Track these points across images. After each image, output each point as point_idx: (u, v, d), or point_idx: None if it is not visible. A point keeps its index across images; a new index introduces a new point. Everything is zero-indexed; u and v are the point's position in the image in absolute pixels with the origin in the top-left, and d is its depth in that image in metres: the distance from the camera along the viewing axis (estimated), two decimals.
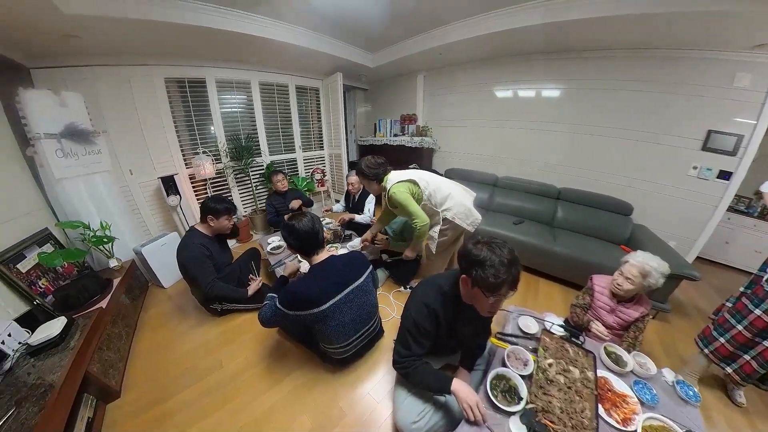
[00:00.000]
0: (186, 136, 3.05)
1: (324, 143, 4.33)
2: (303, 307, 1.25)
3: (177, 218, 2.83)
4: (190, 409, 1.43)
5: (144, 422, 1.38)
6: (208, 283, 1.83)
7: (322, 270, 1.31)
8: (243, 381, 1.57)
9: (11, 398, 1.07)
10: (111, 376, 1.51)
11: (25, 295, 1.53)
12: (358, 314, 1.39)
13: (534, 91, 3.08)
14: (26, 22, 1.63)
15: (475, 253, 0.91)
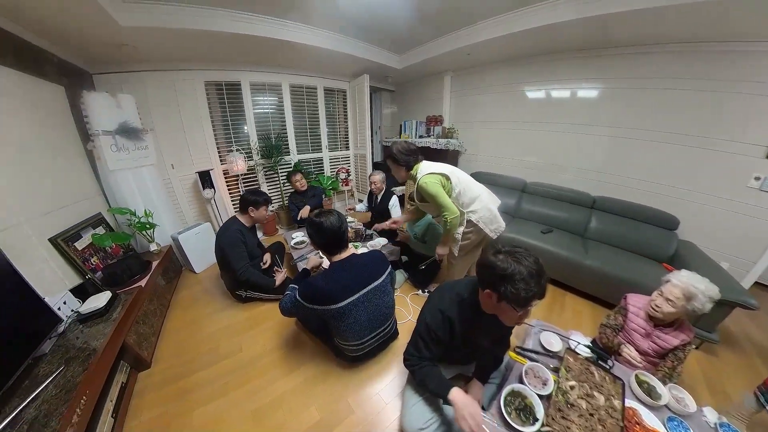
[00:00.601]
0: (222, 135, 3.30)
1: (349, 143, 4.42)
2: (321, 302, 1.27)
3: (210, 210, 3.06)
4: (210, 387, 1.54)
5: (169, 393, 1.51)
6: (241, 267, 1.96)
7: (343, 268, 1.32)
8: (259, 366, 1.65)
9: (62, 357, 1.24)
10: (144, 348, 1.68)
11: (79, 269, 1.75)
12: (374, 314, 1.39)
13: (568, 90, 2.89)
14: (89, 33, 1.88)
15: (502, 267, 0.84)
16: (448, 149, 3.70)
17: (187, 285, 2.52)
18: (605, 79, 2.64)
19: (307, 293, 1.29)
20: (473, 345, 1.13)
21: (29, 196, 1.60)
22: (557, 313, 2.12)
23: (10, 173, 1.51)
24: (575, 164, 2.97)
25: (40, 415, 0.99)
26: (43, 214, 1.66)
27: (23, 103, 1.68)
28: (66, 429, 0.98)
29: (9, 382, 1.04)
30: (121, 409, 1.38)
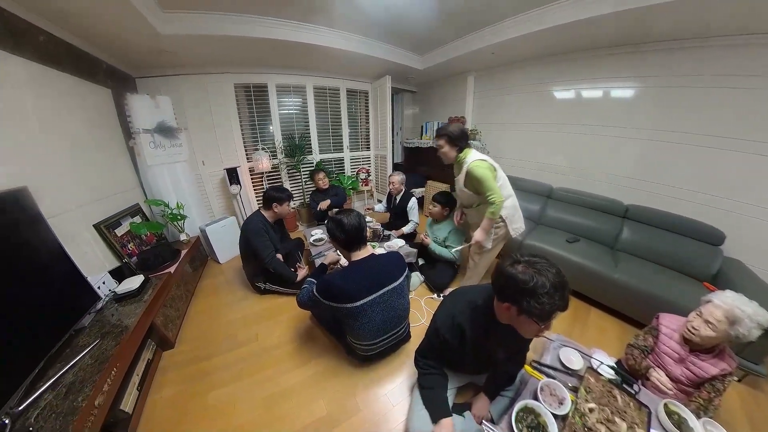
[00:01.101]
0: (249, 134, 3.48)
1: (370, 144, 4.47)
2: (337, 299, 1.28)
3: (236, 205, 3.24)
4: (226, 371, 1.62)
5: (189, 373, 1.62)
6: (268, 255, 2.05)
7: (362, 267, 1.32)
8: (273, 356, 1.71)
9: (98, 331, 1.37)
10: (170, 329, 1.81)
11: (117, 254, 1.93)
12: (389, 316, 1.38)
13: (600, 90, 2.70)
14: (133, 41, 2.08)
15: (523, 279, 0.78)
16: None
17: (211, 274, 2.68)
18: (641, 77, 2.44)
19: (324, 289, 1.30)
20: (485, 355, 1.08)
21: (79, 186, 1.80)
22: (580, 328, 1.98)
23: (64, 165, 1.70)
24: (606, 169, 2.75)
25: (77, 381, 1.10)
26: (89, 203, 1.86)
27: (77, 104, 1.89)
28: (97, 396, 1.08)
29: (53, 349, 1.17)
30: (145, 383, 1.51)
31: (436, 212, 2.32)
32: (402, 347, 1.67)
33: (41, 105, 1.58)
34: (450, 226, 2.28)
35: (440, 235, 2.32)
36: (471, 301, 1.03)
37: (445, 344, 1.04)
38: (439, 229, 2.33)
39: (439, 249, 2.29)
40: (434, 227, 2.39)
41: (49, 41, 1.69)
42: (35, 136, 1.53)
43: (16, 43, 1.48)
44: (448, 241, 2.27)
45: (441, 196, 2.31)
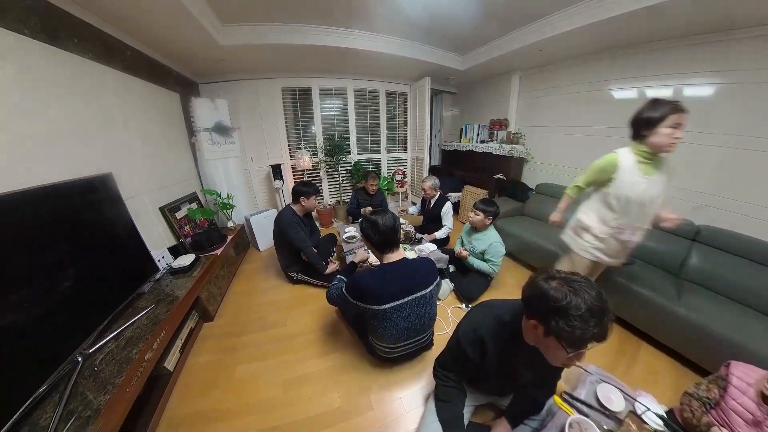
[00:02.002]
0: (293, 134, 3.74)
1: (408, 146, 4.49)
2: (364, 300, 1.27)
3: (278, 198, 3.50)
4: (254, 349, 1.75)
5: (222, 345, 1.80)
6: (303, 244, 2.18)
7: (393, 271, 1.30)
8: (297, 342, 1.80)
9: (155, 298, 1.60)
10: (211, 304, 2.03)
11: (176, 234, 2.23)
12: (414, 322, 1.35)
13: (669, 88, 2.31)
14: (197, 52, 2.38)
15: (555, 297, 0.71)
16: (512, 156, 3.43)
17: (251, 260, 2.93)
18: (723, 72, 2.03)
19: (353, 288, 1.30)
20: (509, 375, 1.00)
21: (150, 174, 2.11)
22: (626, 364, 1.70)
23: (140, 157, 2.02)
24: (674, 182, 2.29)
25: (134, 336, 1.31)
26: (157, 189, 2.17)
27: (151, 106, 2.23)
28: (147, 351, 1.27)
29: (120, 307, 1.41)
30: (186, 347, 1.72)
31: (477, 221, 2.10)
32: (423, 354, 1.64)
33: (124, 107, 1.91)
34: (492, 238, 2.10)
35: (479, 246, 2.14)
36: (498, 315, 0.96)
37: (465, 357, 1.00)
38: (479, 239, 2.15)
39: (478, 262, 2.14)
40: (473, 236, 2.21)
41: (133, 55, 2.04)
42: (119, 132, 1.85)
43: (109, 57, 1.81)
44: (489, 254, 2.08)
45: (485, 204, 2.10)
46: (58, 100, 1.43)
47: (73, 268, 1.19)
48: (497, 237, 2.12)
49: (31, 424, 0.92)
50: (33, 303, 1.02)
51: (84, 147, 1.55)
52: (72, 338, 1.14)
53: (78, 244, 1.25)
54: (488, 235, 2.12)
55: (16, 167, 1.19)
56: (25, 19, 1.30)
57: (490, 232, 2.13)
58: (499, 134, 3.72)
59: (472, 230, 2.23)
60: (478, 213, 2.09)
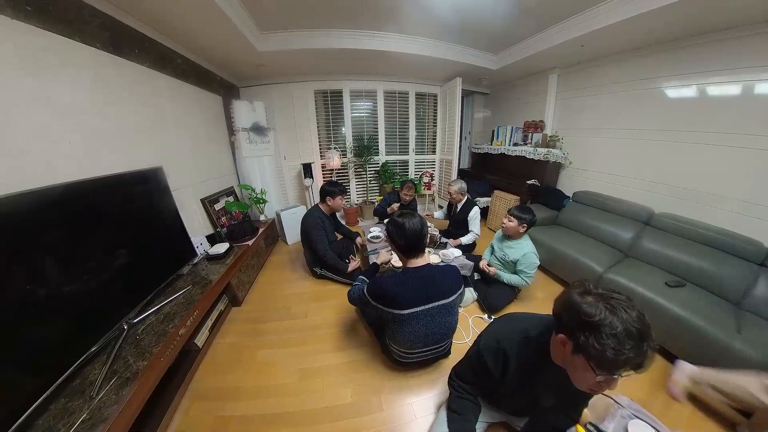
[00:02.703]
0: (323, 134, 3.89)
1: (437, 148, 4.44)
2: (385, 303, 1.27)
3: (308, 196, 3.65)
4: (276, 336, 1.85)
5: (247, 329, 1.92)
6: (322, 248, 2.27)
7: (416, 276, 1.28)
8: (316, 335, 1.85)
9: (192, 280, 1.76)
10: (240, 290, 2.18)
11: (213, 223, 2.44)
12: (433, 330, 1.33)
13: (739, 84, 1.98)
14: (237, 58, 2.60)
15: (588, 312, 0.65)
16: (547, 160, 3.23)
17: (279, 252, 3.10)
18: None
19: (374, 291, 1.30)
20: (529, 395, 0.94)
21: (194, 169, 2.33)
22: (665, 401, 1.46)
23: (186, 153, 2.23)
24: (741, 194, 1.99)
25: (171, 313, 1.45)
26: (199, 182, 2.40)
27: (197, 108, 2.47)
28: (182, 327, 1.40)
29: (162, 284, 1.57)
30: (215, 328, 1.87)
31: (511, 228, 1.99)
32: (439, 362, 1.61)
33: (174, 109, 2.13)
34: (526, 248, 1.97)
35: (511, 254, 2.02)
36: (524, 329, 0.90)
37: (485, 370, 0.95)
38: (511, 248, 2.03)
39: (507, 276, 2.05)
40: (504, 244, 2.09)
41: (182, 62, 2.28)
42: (169, 130, 2.07)
43: (163, 65, 2.04)
44: (521, 264, 1.96)
45: (521, 211, 1.97)
46: (121, 102, 1.65)
47: (126, 248, 1.36)
48: (532, 247, 1.99)
49: (83, 377, 1.08)
50: (92, 276, 1.18)
51: (141, 143, 1.77)
52: (120, 308, 1.31)
53: (131, 228, 1.43)
54: (522, 245, 2.01)
55: (90, 157, 1.43)
56: (98, 34, 1.53)
57: (525, 242, 2.02)
58: (534, 137, 3.54)
59: (504, 237, 2.14)
60: (512, 219, 1.98)
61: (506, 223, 2.01)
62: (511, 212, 1.99)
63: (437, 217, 3.07)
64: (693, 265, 1.95)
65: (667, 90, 2.40)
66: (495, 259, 2.18)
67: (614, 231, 2.44)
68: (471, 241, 2.64)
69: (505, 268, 2.10)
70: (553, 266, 2.51)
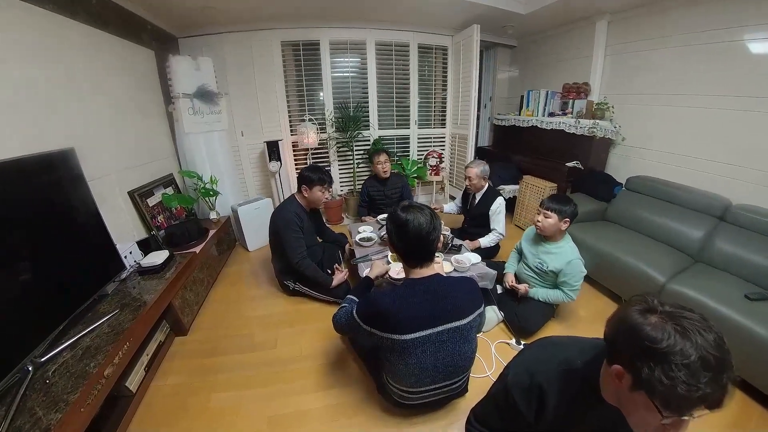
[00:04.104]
0: (295, 102, 3.87)
1: (447, 120, 4.45)
2: (381, 327, 1.26)
3: (274, 184, 3.64)
4: (235, 374, 1.84)
5: (196, 366, 1.91)
6: (297, 255, 2.24)
7: (420, 291, 1.27)
8: (290, 370, 1.84)
9: (119, 301, 1.73)
10: (186, 314, 2.17)
11: (147, 224, 2.41)
12: (444, 362, 1.32)
13: None
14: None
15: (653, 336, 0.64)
16: (593, 136, 3.26)
17: (237, 261, 3.08)
18: None
19: (367, 311, 1.30)
20: None
21: (119, 151, 2.29)
22: None
23: (108, 129, 2.19)
24: None
25: (92, 347, 1.43)
26: (126, 169, 2.36)
27: (123, 67, 2.41)
28: (108, 366, 1.39)
29: (78, 309, 1.55)
30: (153, 365, 1.85)
31: (548, 226, 1.96)
32: (453, 402, 1.60)
33: (91, 68, 2.09)
34: (569, 253, 1.96)
35: (551, 262, 2.01)
36: (566, 359, 0.90)
37: (513, 412, 0.95)
38: (552, 253, 2.02)
39: (545, 293, 2.05)
40: (541, 248, 2.08)
41: (99, 3, 2.20)
42: (85, 98, 2.03)
43: (73, 9, 1.97)
44: (565, 275, 1.95)
45: (559, 202, 1.94)
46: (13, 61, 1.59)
47: (26, 261, 1.33)
48: (576, 251, 1.99)
49: None
50: None
51: (44, 116, 1.73)
52: (23, 343, 1.28)
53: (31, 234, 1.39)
54: (565, 249, 1.99)
55: None
56: None
57: (567, 244, 2.02)
58: (575, 105, 3.57)
59: (538, 239, 2.12)
60: (550, 214, 1.93)
61: (542, 220, 1.98)
62: (547, 205, 1.97)
63: (448, 211, 3.10)
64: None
65: (753, 44, 2.42)
66: (525, 268, 2.19)
67: (680, 228, 2.50)
68: (493, 243, 2.65)
69: (541, 280, 2.12)
70: (600, 275, 2.56)
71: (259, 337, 2.12)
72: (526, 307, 2.09)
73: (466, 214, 2.97)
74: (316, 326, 2.17)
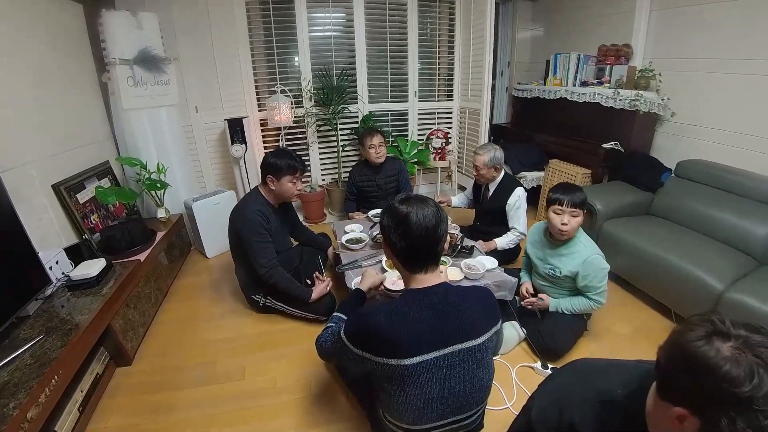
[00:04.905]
0: (263, 70, 3.84)
1: (454, 91, 4.45)
2: (375, 349, 1.24)
3: (238, 174, 3.61)
4: (194, 412, 1.83)
5: (145, 403, 1.89)
6: (265, 265, 2.22)
7: (424, 304, 1.27)
8: (263, 406, 1.84)
9: (44, 324, 1.71)
10: (129, 338, 2.15)
11: (77, 226, 2.36)
12: (454, 391, 1.30)
13: None
14: None
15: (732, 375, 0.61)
16: (636, 110, 3.28)
17: (194, 271, 3.06)
18: None
19: (357, 331, 1.30)
20: None
21: (40, 133, 2.24)
22: None
23: (26, 105, 2.14)
24: None
25: (11, 383, 1.40)
26: (50, 156, 2.31)
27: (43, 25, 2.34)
28: (31, 407, 1.37)
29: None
30: (89, 404, 1.82)
31: (576, 227, 2.01)
32: None
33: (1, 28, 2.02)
34: (585, 249, 2.01)
35: (566, 266, 2.05)
36: (604, 390, 0.90)
37: None
38: (563, 255, 2.07)
39: (568, 303, 2.07)
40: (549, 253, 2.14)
41: None
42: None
43: None
44: (585, 277, 1.99)
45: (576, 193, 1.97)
46: None
47: None
48: (591, 244, 2.05)
49: None
50: None
51: None
52: None
53: None
54: (578, 246, 2.05)
55: None
56: None
57: (580, 238, 2.07)
58: (613, 72, 3.60)
59: (545, 241, 2.18)
60: (578, 212, 1.96)
61: (569, 221, 1.96)
62: (570, 200, 1.95)
63: (457, 205, 3.12)
64: None
65: None
66: (538, 277, 2.24)
67: (742, 224, 2.53)
68: (513, 243, 2.67)
69: (558, 289, 2.16)
70: (643, 281, 2.60)
71: (222, 366, 2.11)
72: (551, 322, 2.11)
73: (478, 208, 2.98)
74: (293, 351, 2.17)
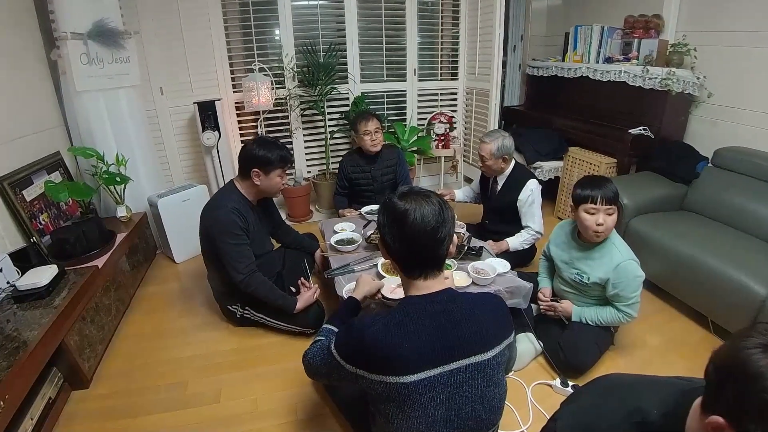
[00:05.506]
0: (239, 45, 3.85)
1: (459, 69, 4.49)
2: (371, 366, 1.24)
3: (210, 165, 3.61)
4: None
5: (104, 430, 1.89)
6: (242, 272, 2.22)
7: (427, 312, 1.27)
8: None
9: None
10: (86, 357, 2.15)
11: (24, 228, 2.36)
12: (461, 413, 1.30)
13: None
14: None
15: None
16: (667, 90, 3.29)
17: (160, 278, 3.07)
18: None
19: (349, 345, 1.30)
20: None
21: None
22: None
23: None
24: None
25: None
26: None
27: None
28: None
29: None
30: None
31: (611, 226, 2.02)
32: None
33: None
34: (618, 254, 2.00)
35: (596, 272, 2.06)
36: (636, 409, 0.89)
37: None
38: (593, 259, 2.07)
39: (593, 313, 2.09)
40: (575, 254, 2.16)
41: None
42: None
43: None
44: (617, 285, 1.99)
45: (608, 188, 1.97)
46: None
47: None
48: (625, 247, 2.05)
49: None
50: None
51: None
52: None
53: None
54: (611, 249, 2.04)
55: None
56: None
57: (614, 241, 2.07)
58: (642, 47, 3.63)
59: (572, 242, 2.20)
60: (613, 209, 1.96)
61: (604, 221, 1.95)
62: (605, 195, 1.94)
63: (461, 199, 3.16)
64: None
65: None
66: (561, 282, 2.26)
67: None
68: (527, 244, 2.70)
69: (583, 297, 2.17)
70: (676, 285, 2.63)
71: (194, 387, 2.11)
72: (573, 333, 2.12)
73: (486, 204, 3.01)
74: (276, 369, 2.18)
